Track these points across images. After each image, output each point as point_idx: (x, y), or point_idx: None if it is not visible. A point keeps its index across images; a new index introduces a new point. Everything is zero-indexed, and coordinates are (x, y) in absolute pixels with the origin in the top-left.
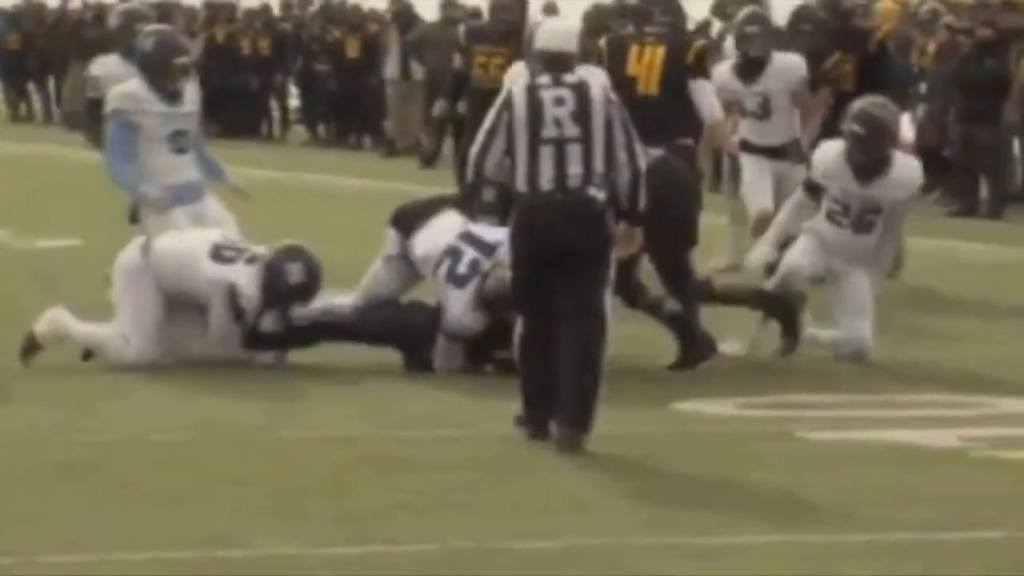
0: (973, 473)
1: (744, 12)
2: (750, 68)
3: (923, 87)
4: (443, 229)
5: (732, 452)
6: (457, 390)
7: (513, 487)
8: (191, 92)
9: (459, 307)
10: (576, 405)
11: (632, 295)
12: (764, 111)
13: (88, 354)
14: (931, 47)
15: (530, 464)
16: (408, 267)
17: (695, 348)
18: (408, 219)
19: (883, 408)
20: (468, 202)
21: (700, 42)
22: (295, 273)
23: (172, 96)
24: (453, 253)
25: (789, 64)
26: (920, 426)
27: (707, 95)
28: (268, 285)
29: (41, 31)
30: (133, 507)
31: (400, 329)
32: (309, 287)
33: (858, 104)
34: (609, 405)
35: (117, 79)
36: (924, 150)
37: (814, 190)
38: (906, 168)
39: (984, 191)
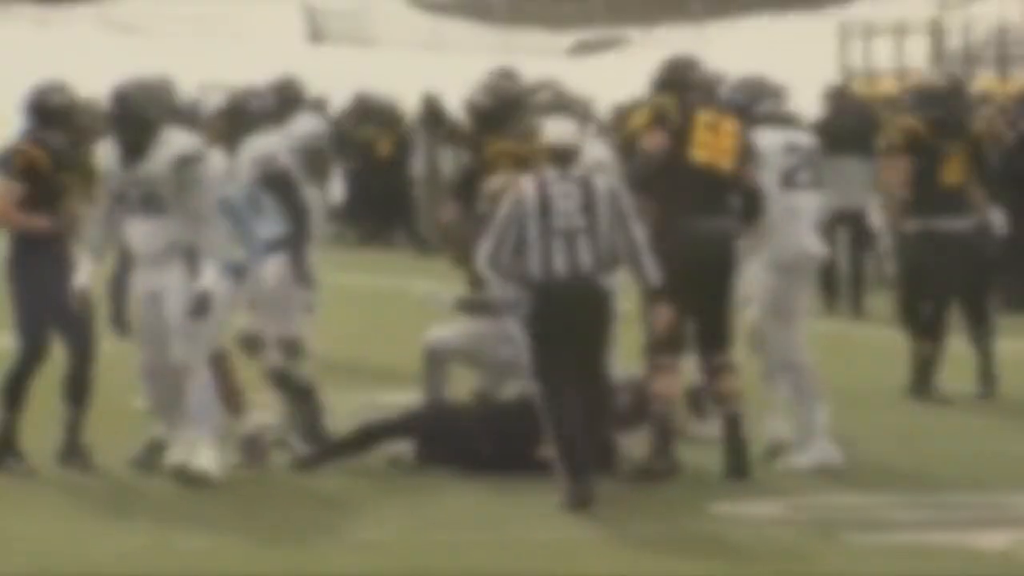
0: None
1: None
2: None
3: None
4: None
5: (772, 554)
6: (479, 491)
7: None
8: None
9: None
10: (599, 452)
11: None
12: None
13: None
14: None
15: (556, 571)
16: None
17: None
18: None
19: (931, 509)
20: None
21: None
22: None
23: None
24: None
25: None
26: (969, 527)
27: None
28: None
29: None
30: None
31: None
32: None
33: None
34: (646, 506)
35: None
36: None
37: None
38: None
39: None
